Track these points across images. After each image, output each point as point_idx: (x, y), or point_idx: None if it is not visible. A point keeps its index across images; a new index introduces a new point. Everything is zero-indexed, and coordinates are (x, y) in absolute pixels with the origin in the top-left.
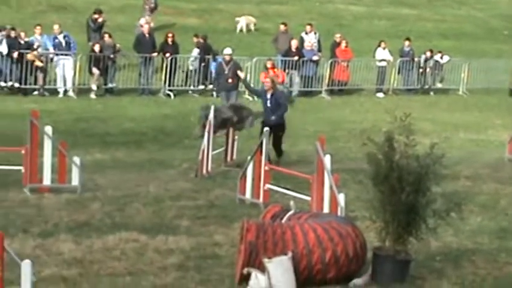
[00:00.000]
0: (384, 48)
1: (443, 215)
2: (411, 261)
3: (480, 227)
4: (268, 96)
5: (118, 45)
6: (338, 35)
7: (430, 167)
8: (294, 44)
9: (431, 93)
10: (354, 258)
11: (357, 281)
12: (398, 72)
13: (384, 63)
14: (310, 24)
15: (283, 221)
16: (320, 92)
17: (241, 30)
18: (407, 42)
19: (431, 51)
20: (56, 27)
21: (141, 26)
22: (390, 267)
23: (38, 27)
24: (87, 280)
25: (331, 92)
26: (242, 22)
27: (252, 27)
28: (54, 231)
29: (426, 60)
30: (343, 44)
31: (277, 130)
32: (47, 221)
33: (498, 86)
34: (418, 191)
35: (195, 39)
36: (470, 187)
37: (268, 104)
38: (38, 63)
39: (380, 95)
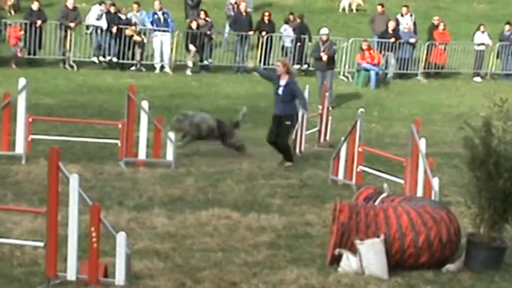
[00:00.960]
0: (483, 32)
1: None
2: (506, 248)
3: None
4: (282, 83)
5: (209, 20)
6: (436, 18)
7: None
8: (391, 25)
9: None
10: (447, 244)
11: (450, 266)
12: (497, 57)
13: (482, 47)
14: (406, 6)
15: (376, 203)
16: (416, 75)
17: (343, 9)
18: (507, 26)
19: None
20: (156, 3)
21: (231, 4)
22: (484, 254)
23: (135, 5)
24: (179, 254)
25: (427, 75)
26: (345, 1)
27: (354, 7)
28: (149, 205)
29: None
30: (441, 27)
31: (286, 119)
32: (141, 195)
33: None
34: None
35: (291, 18)
36: None
37: (280, 92)
38: (136, 37)
39: (477, 79)
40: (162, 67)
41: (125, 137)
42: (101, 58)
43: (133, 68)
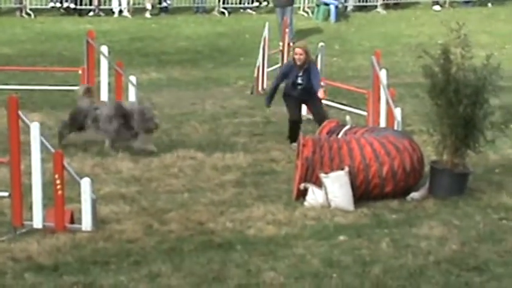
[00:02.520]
0: None
1: (501, 127)
2: (469, 174)
3: None
4: (301, 73)
5: None
6: None
7: (487, 78)
8: None
9: (489, 4)
10: (411, 172)
11: (414, 194)
12: None
13: None
14: None
15: (339, 136)
16: (375, 7)
17: None
18: None
19: None
20: None
21: None
22: (448, 180)
23: None
24: (145, 197)
25: (386, 6)
26: None
27: None
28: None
29: None
30: None
31: (314, 93)
32: (105, 140)
33: None
34: (475, 103)
35: None
36: None
37: (300, 81)
38: None
39: (436, 7)
40: (120, 11)
41: (86, 83)
42: (58, 4)
43: (91, 13)
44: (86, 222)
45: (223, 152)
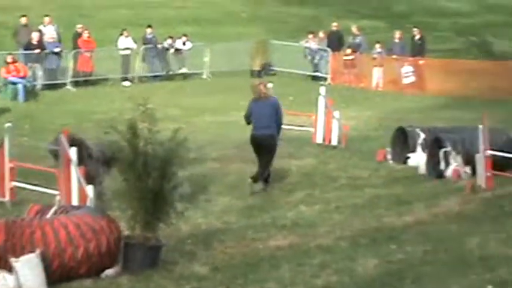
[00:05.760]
0: (127, 37)
1: (190, 198)
2: (162, 246)
3: (228, 207)
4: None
5: None
6: (79, 26)
7: (174, 151)
8: (36, 36)
9: (176, 78)
10: (106, 254)
11: (108, 271)
12: (143, 60)
13: (127, 52)
14: (47, 16)
15: (49, 215)
16: (65, 84)
17: None
18: (149, 30)
19: (172, 37)
20: None
21: None
22: (141, 254)
23: None
24: None
25: (76, 84)
26: None
27: None
28: None
29: (169, 46)
30: (85, 35)
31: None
32: None
33: (240, 68)
34: (164, 176)
35: None
36: (218, 168)
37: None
38: None
39: (126, 83)
40: None
41: None
42: None
43: None
44: None
45: None
